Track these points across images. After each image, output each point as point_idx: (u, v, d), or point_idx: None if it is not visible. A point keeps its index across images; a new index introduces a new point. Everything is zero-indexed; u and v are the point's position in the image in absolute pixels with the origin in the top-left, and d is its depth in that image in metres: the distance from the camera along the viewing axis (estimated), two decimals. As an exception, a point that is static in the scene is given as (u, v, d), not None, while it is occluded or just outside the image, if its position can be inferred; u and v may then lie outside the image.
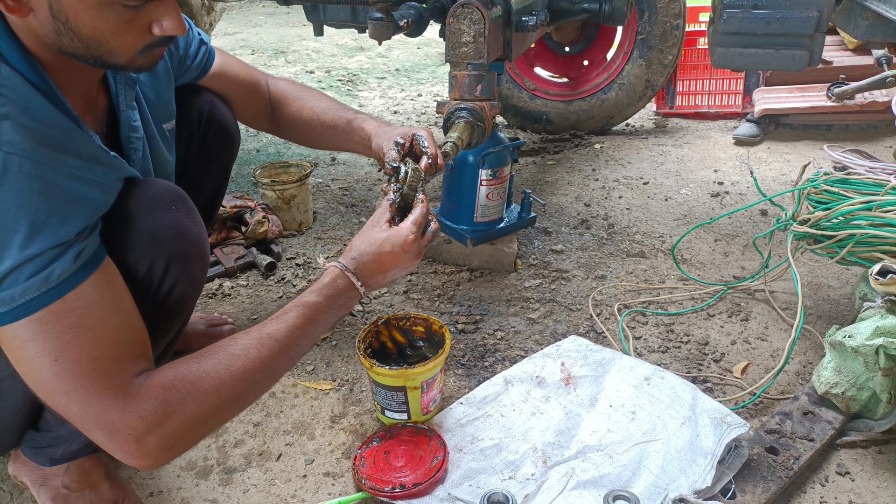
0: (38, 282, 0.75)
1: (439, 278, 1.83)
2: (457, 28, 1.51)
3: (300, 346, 0.96)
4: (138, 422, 0.80)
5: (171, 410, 0.82)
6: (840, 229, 1.37)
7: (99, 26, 0.80)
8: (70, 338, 0.78)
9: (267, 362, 0.90)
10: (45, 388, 0.79)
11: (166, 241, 0.92)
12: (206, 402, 0.84)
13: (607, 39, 2.93)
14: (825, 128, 2.89)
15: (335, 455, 1.25)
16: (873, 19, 1.66)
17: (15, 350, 0.78)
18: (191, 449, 0.94)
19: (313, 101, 1.38)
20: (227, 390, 0.86)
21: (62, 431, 1.04)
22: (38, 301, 0.76)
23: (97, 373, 0.79)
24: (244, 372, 0.88)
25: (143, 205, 0.92)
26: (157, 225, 0.92)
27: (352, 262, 1.03)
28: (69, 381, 0.78)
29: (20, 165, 0.74)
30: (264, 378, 0.91)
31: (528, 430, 1.24)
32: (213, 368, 0.86)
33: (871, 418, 1.25)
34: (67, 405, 0.79)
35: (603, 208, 2.24)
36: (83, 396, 0.78)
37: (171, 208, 0.95)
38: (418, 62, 4.56)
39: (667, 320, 1.64)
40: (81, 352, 0.78)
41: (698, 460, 1.12)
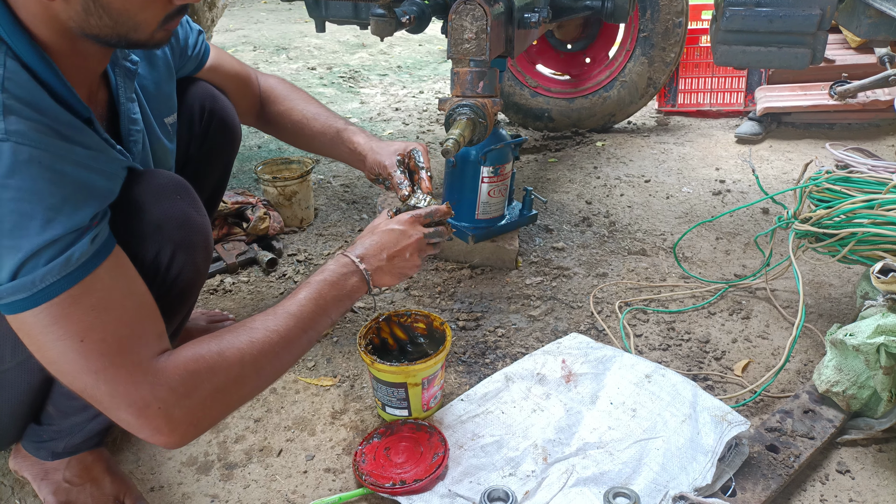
0: (58, 265, 0.75)
1: (440, 275, 1.83)
2: (459, 24, 1.51)
3: (315, 322, 0.98)
4: (168, 394, 0.80)
5: (199, 381, 0.83)
6: (842, 227, 1.37)
7: (130, 1, 0.81)
8: (93, 319, 0.78)
9: (285, 336, 0.93)
10: (70, 370, 0.79)
11: (172, 229, 0.93)
12: (232, 373, 0.86)
13: (609, 37, 2.93)
14: (827, 126, 2.89)
15: (336, 451, 1.25)
16: (876, 17, 1.66)
17: (36, 336, 0.78)
18: (210, 429, 0.96)
19: (303, 104, 1.41)
20: (250, 361, 0.88)
21: (64, 424, 1.05)
22: (58, 285, 0.76)
23: (124, 350, 0.79)
24: (265, 344, 0.90)
25: (148, 194, 0.93)
26: (162, 214, 0.93)
27: (353, 249, 1.08)
28: (97, 360, 0.78)
29: (30, 155, 0.74)
30: (283, 352, 0.93)
31: (529, 426, 1.24)
32: (235, 342, 0.88)
33: (871, 417, 1.25)
34: (96, 384, 0.79)
35: (604, 206, 2.24)
36: (112, 374, 0.79)
37: (177, 198, 0.96)
38: (420, 59, 4.56)
39: (668, 318, 1.64)
40: (106, 331, 0.79)
41: (699, 458, 1.12)
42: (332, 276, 1.03)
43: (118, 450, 1.26)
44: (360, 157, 1.33)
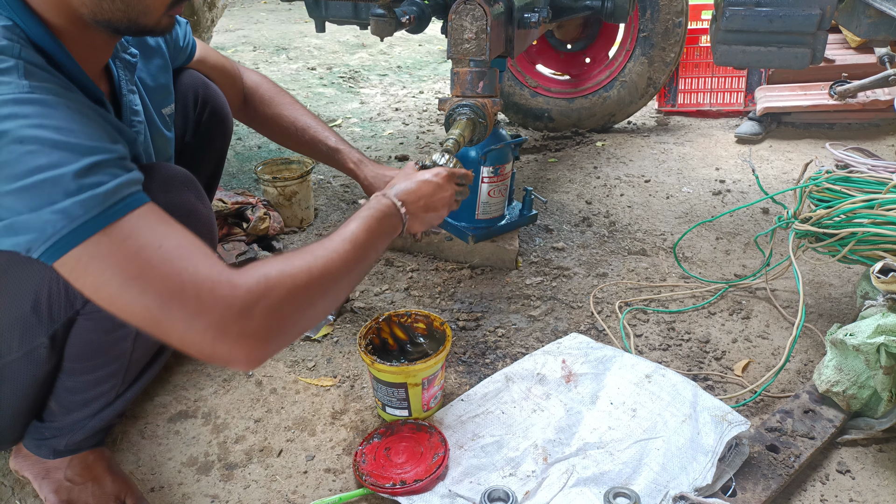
0: (111, 187, 0.75)
1: (440, 275, 1.83)
2: (459, 24, 1.51)
3: (367, 251, 0.99)
4: (246, 295, 0.79)
5: (273, 284, 0.82)
6: (842, 227, 1.37)
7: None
8: (165, 229, 0.78)
9: (344, 258, 0.94)
10: (136, 305, 0.76)
11: (179, 219, 0.88)
12: (301, 279, 0.85)
13: (609, 37, 2.93)
14: (827, 126, 2.89)
15: (336, 451, 1.25)
16: (876, 17, 1.66)
17: (95, 271, 0.75)
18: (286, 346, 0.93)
19: (291, 110, 1.47)
20: (317, 275, 0.88)
21: (66, 421, 1.05)
22: (112, 211, 0.75)
23: (189, 275, 0.77)
24: (328, 262, 0.91)
25: (157, 184, 0.94)
26: (170, 203, 0.90)
27: (392, 191, 1.11)
28: (179, 262, 0.77)
29: (58, 101, 0.76)
30: (343, 273, 0.93)
31: (529, 427, 1.24)
32: (297, 257, 0.88)
33: (871, 416, 1.25)
34: (167, 313, 0.76)
35: (604, 206, 2.24)
36: (181, 299, 0.76)
37: (184, 189, 0.98)
38: (420, 59, 4.56)
39: (668, 318, 1.64)
40: (181, 239, 0.79)
41: (699, 458, 1.12)
42: (378, 213, 1.05)
43: (118, 450, 1.26)
44: (360, 180, 1.46)
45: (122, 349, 1.01)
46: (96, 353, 0.99)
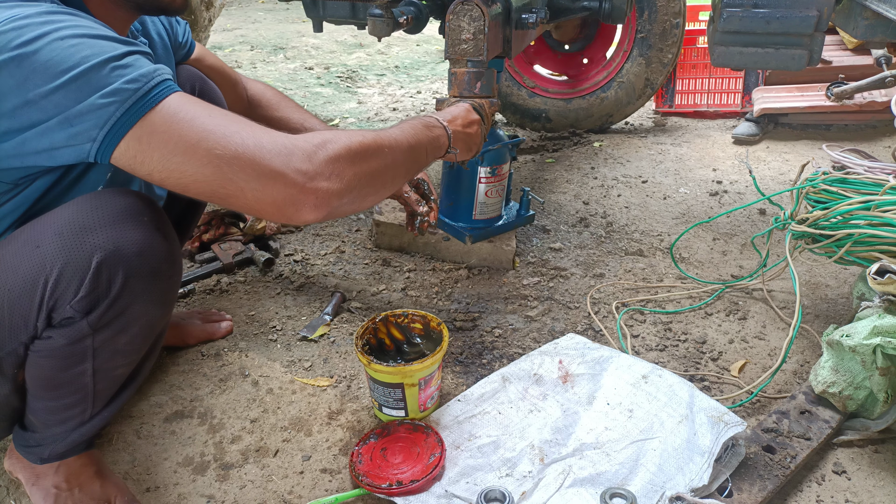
0: (159, 67, 0.82)
1: (437, 275, 1.83)
2: (457, 25, 1.51)
3: (417, 147, 1.06)
4: (305, 144, 0.84)
5: (330, 138, 0.87)
6: (838, 229, 1.37)
7: None
8: (206, 106, 0.84)
9: (394, 138, 1.00)
10: (214, 139, 0.80)
11: (130, 255, 0.87)
12: (355, 140, 0.91)
13: (607, 38, 2.93)
14: (824, 127, 2.89)
15: (332, 451, 1.25)
16: (873, 19, 1.66)
17: (169, 126, 0.79)
18: (350, 206, 0.92)
19: (300, 115, 1.49)
20: (369, 140, 0.94)
21: (46, 434, 1.03)
22: (170, 83, 0.82)
23: (247, 122, 0.84)
24: (377, 137, 0.96)
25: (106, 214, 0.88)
26: (121, 236, 0.87)
27: (445, 117, 1.20)
28: (232, 125, 0.82)
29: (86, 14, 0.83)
30: (393, 149, 0.99)
31: (526, 427, 1.24)
32: (348, 131, 0.94)
33: (867, 417, 1.25)
34: (242, 143, 0.80)
35: (601, 206, 2.24)
36: (250, 134, 0.82)
37: (142, 219, 0.90)
38: (418, 59, 4.56)
39: (665, 319, 1.64)
40: (224, 112, 0.84)
41: (695, 458, 1.12)
42: (424, 123, 1.11)
43: (113, 450, 1.25)
44: None
45: (82, 383, 0.97)
46: (54, 387, 0.97)
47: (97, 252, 0.84)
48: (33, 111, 0.77)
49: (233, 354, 1.50)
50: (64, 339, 0.89)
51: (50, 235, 0.84)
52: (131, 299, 0.89)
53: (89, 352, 0.92)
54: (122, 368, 1.01)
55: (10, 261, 0.85)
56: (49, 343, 0.90)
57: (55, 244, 0.83)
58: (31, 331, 0.89)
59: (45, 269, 0.84)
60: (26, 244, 0.85)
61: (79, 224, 0.84)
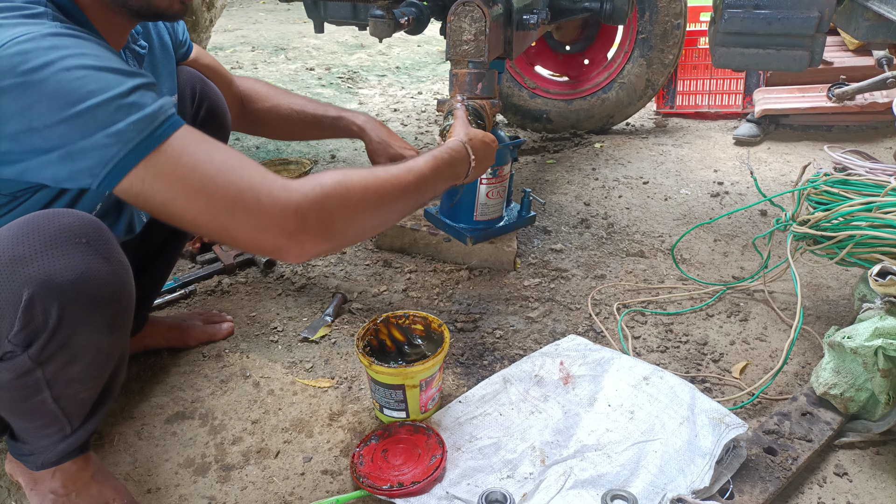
0: (164, 102, 0.83)
1: (438, 276, 1.83)
2: (458, 26, 1.51)
3: (426, 186, 1.07)
4: (301, 199, 0.85)
5: (327, 191, 0.89)
6: (840, 230, 1.37)
7: None
8: (209, 145, 0.85)
9: (401, 182, 1.01)
10: (203, 214, 0.83)
11: (64, 283, 0.82)
12: (355, 192, 0.92)
13: (608, 38, 2.93)
14: (825, 128, 2.89)
15: (333, 453, 1.25)
16: (874, 20, 1.66)
17: (160, 190, 0.80)
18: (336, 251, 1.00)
19: (288, 98, 1.50)
20: (372, 188, 0.95)
21: (35, 445, 1.02)
22: (174, 120, 0.83)
23: (249, 163, 0.86)
24: (384, 182, 0.98)
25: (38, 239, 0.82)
26: (54, 264, 0.81)
27: (469, 143, 1.24)
28: (234, 172, 0.83)
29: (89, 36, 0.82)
30: (397, 195, 1.00)
31: (527, 429, 1.24)
32: (357, 172, 0.95)
33: (869, 419, 1.25)
34: (240, 191, 0.83)
35: (602, 207, 2.24)
36: (248, 181, 0.83)
37: (80, 241, 0.84)
38: (419, 60, 4.56)
39: (666, 320, 1.64)
40: (226, 151, 0.86)
41: (696, 460, 1.12)
42: (451, 158, 1.16)
43: (114, 451, 1.25)
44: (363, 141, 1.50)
45: (47, 410, 0.94)
46: (21, 414, 0.95)
47: (28, 285, 0.79)
48: (36, 138, 0.77)
49: (234, 356, 1.50)
50: (10, 374, 0.86)
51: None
52: (72, 330, 0.84)
53: (42, 383, 0.89)
54: (86, 393, 0.96)
55: None
56: None
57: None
58: None
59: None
60: None
61: (9, 253, 0.79)
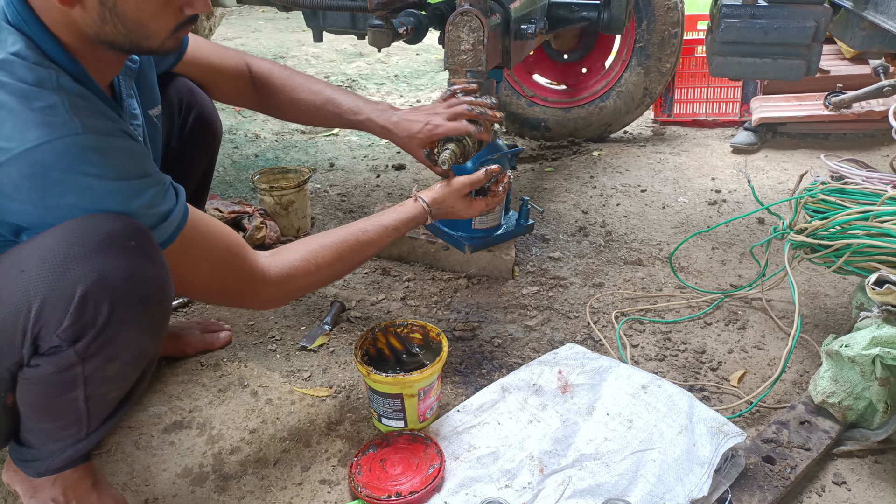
0: (179, 206, 0.96)
1: (437, 285, 1.83)
2: (456, 36, 1.52)
3: (391, 239, 1.29)
4: (276, 284, 1.12)
5: (299, 274, 1.15)
6: (837, 239, 1.37)
7: (143, 8, 0.88)
8: (214, 230, 1.05)
9: (372, 240, 1.25)
10: (203, 284, 1.07)
11: (117, 282, 0.86)
12: (324, 266, 1.18)
13: (606, 47, 2.94)
14: (822, 137, 2.90)
15: (331, 462, 1.25)
16: (870, 29, 1.67)
17: (191, 249, 1.00)
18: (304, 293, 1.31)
19: (309, 89, 1.44)
20: (345, 253, 1.21)
21: (42, 450, 1.02)
22: (187, 209, 0.98)
23: (240, 250, 1.09)
24: (355, 244, 1.23)
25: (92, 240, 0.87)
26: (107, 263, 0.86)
27: (431, 203, 1.34)
28: (231, 259, 1.07)
29: (108, 141, 0.87)
30: (367, 253, 1.26)
31: (525, 438, 1.24)
32: (332, 238, 1.21)
33: (867, 428, 1.25)
34: (234, 273, 1.08)
35: (601, 216, 2.24)
36: (242, 267, 1.08)
37: (129, 244, 0.87)
38: (417, 68, 4.57)
39: (664, 328, 1.64)
40: (226, 238, 1.06)
41: (695, 469, 1.12)
42: (412, 218, 1.31)
43: (112, 461, 1.25)
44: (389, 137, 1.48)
45: (74, 408, 0.95)
46: (47, 412, 0.96)
47: (81, 282, 0.82)
48: None
49: (232, 365, 1.50)
50: (52, 368, 0.88)
51: (35, 261, 0.82)
52: (119, 328, 0.88)
53: (80, 379, 0.91)
54: (115, 392, 0.99)
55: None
56: (38, 371, 0.89)
57: (39, 271, 0.82)
58: (17, 357, 0.87)
59: (29, 297, 0.82)
60: (12, 267, 0.83)
61: (63, 252, 0.82)
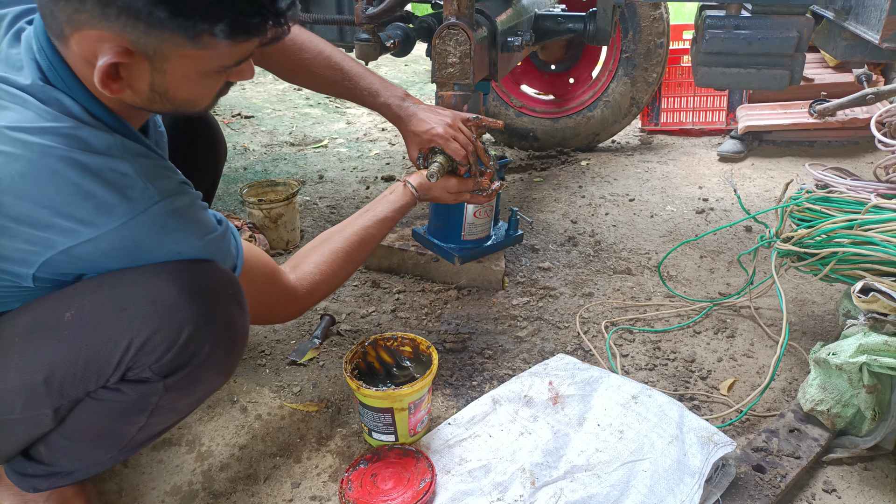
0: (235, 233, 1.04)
1: (427, 296, 1.83)
2: (443, 49, 1.53)
3: (377, 241, 1.34)
4: (302, 302, 1.20)
5: (318, 288, 1.22)
6: (822, 247, 1.38)
7: (195, 92, 0.89)
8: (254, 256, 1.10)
9: (373, 234, 1.32)
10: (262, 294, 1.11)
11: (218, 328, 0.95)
12: (337, 272, 1.25)
13: (592, 58, 2.97)
14: (808, 144, 2.93)
15: (322, 478, 1.24)
16: (852, 40, 1.69)
17: (245, 275, 1.03)
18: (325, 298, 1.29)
19: (325, 62, 1.40)
20: (355, 253, 1.28)
21: (53, 468, 1.01)
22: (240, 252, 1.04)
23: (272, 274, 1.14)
24: (360, 241, 1.30)
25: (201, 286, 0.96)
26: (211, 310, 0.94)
27: (420, 188, 1.40)
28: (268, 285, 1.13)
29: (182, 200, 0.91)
30: (370, 247, 1.32)
31: (517, 450, 1.23)
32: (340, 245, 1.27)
33: (856, 435, 1.26)
34: (270, 295, 1.13)
35: (589, 225, 2.25)
36: (276, 292, 1.14)
37: (228, 294, 0.96)
38: (406, 79, 4.58)
39: (654, 337, 1.65)
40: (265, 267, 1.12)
41: (686, 479, 1.12)
42: (403, 207, 1.36)
43: (100, 480, 1.24)
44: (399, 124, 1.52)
45: (125, 433, 0.98)
46: (96, 434, 0.97)
47: (189, 324, 0.88)
48: None
49: (221, 380, 1.49)
50: (134, 395, 0.91)
51: (141, 301, 0.86)
52: (209, 368, 0.94)
53: (152, 408, 0.94)
54: (166, 425, 1.03)
55: (90, 317, 0.87)
56: (116, 395, 0.91)
57: (146, 310, 0.86)
58: (102, 383, 0.90)
59: (132, 333, 0.86)
60: (109, 303, 0.87)
61: (175, 296, 0.88)
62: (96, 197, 0.82)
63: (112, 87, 0.81)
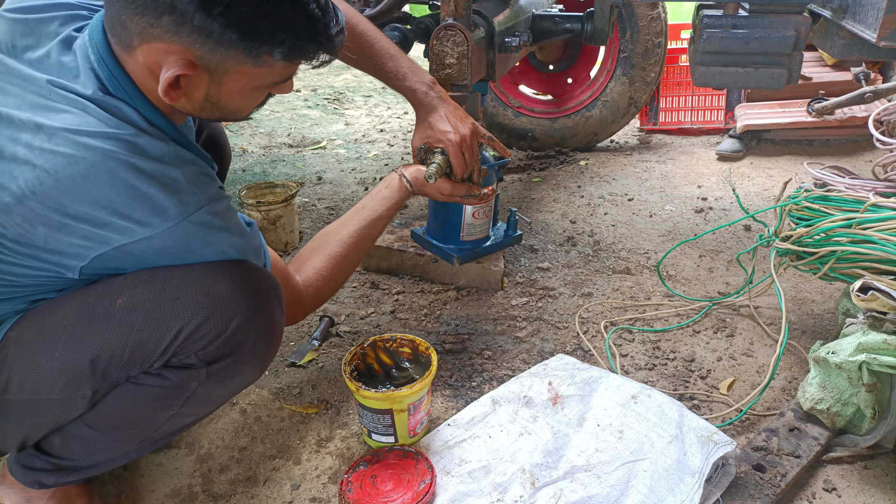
0: None
1: (426, 297, 1.83)
2: (440, 50, 1.53)
3: (375, 238, 1.35)
4: (310, 302, 1.22)
5: (322, 289, 1.24)
6: (821, 246, 1.38)
7: (243, 103, 0.97)
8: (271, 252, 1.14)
9: (372, 230, 1.33)
10: None
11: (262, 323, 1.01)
12: (342, 269, 1.28)
13: (591, 57, 2.97)
14: (806, 143, 2.93)
15: (321, 480, 1.24)
16: (849, 38, 1.69)
17: None
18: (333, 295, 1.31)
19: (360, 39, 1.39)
20: (353, 254, 1.30)
21: (64, 462, 1.02)
22: None
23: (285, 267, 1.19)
24: (359, 238, 1.31)
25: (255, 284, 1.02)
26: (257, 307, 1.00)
27: (414, 182, 1.40)
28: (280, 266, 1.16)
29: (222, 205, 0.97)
30: (369, 243, 1.34)
31: (516, 451, 1.23)
32: (341, 244, 1.28)
33: (856, 434, 1.26)
34: (292, 276, 1.18)
35: (588, 225, 2.25)
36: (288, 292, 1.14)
37: (272, 293, 1.03)
38: (404, 80, 4.58)
39: (653, 337, 1.65)
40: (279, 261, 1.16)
41: (686, 479, 1.12)
42: (398, 201, 1.37)
43: (100, 483, 1.23)
44: None
45: (154, 422, 1.01)
46: (125, 419, 0.99)
47: (238, 316, 0.95)
48: None
49: (220, 382, 1.49)
50: (177, 380, 0.96)
51: (195, 291, 0.93)
52: (249, 359, 1.00)
53: (187, 395, 0.98)
54: (195, 418, 1.07)
55: (143, 304, 0.92)
56: (157, 379, 0.95)
57: (200, 300, 0.92)
58: (145, 368, 0.94)
59: (184, 319, 0.92)
60: (163, 293, 0.92)
61: (228, 289, 0.95)
62: (152, 200, 0.88)
63: (172, 95, 0.88)
